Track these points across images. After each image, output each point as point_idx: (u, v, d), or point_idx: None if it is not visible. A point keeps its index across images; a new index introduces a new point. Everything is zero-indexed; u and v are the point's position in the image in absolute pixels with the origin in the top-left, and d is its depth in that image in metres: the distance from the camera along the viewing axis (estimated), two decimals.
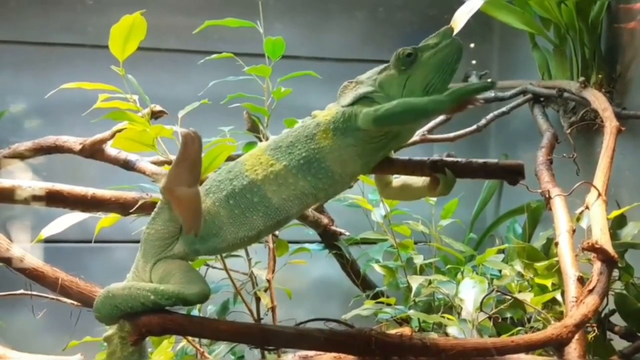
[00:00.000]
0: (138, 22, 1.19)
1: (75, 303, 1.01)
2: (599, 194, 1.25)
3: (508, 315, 1.42)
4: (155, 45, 1.94)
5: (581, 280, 1.10)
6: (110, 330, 0.94)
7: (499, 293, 1.30)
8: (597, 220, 1.18)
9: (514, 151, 2.47)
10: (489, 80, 0.99)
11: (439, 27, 0.99)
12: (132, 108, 1.29)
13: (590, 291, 1.00)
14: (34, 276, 1.00)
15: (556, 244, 1.21)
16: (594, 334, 1.34)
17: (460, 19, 1.42)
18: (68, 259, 1.46)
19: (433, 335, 1.14)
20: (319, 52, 2.39)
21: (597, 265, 1.07)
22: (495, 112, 1.91)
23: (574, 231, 1.25)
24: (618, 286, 1.42)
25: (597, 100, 1.60)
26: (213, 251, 0.98)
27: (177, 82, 2.04)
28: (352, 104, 0.94)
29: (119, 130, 1.33)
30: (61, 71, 2.22)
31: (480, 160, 0.93)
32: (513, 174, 0.88)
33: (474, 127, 1.87)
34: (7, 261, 1.03)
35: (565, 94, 1.82)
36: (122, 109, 1.29)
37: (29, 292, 1.13)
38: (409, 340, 0.80)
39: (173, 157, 1.38)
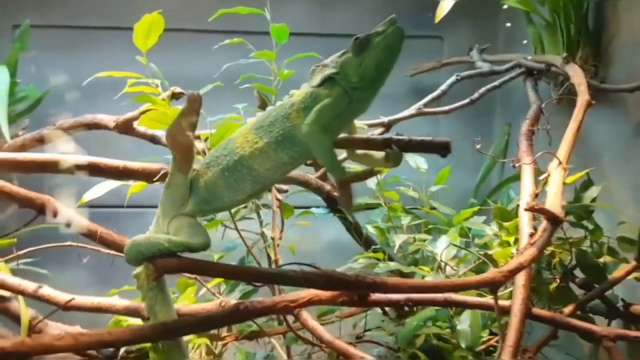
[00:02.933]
0: (156, 20, 1.41)
1: (112, 252, 1.24)
2: (560, 162, 1.41)
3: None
4: (175, 26, 2.14)
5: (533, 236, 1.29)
6: (138, 269, 1.19)
7: (469, 251, 1.49)
8: (553, 184, 1.35)
9: (517, 121, 2.59)
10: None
11: None
12: (154, 92, 1.51)
13: (532, 244, 1.18)
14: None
15: (518, 206, 1.39)
16: (558, 284, 1.54)
17: (444, 7, 1.58)
18: (107, 221, 1.70)
19: None
20: (329, 29, 2.53)
21: (543, 224, 1.25)
22: (488, 86, 2.05)
23: (536, 195, 1.42)
24: (587, 244, 1.60)
25: (575, 74, 1.74)
26: (216, 210, 1.23)
27: (195, 61, 2.21)
28: (320, 85, 1.13)
29: (145, 111, 1.55)
30: (95, 52, 2.40)
31: (419, 138, 1.11)
32: (443, 149, 1.07)
33: (467, 100, 2.02)
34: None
35: (553, 69, 1.95)
36: (146, 92, 1.51)
37: (76, 244, 1.37)
38: (362, 279, 1.00)
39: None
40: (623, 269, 1.43)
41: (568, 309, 1.45)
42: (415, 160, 1.83)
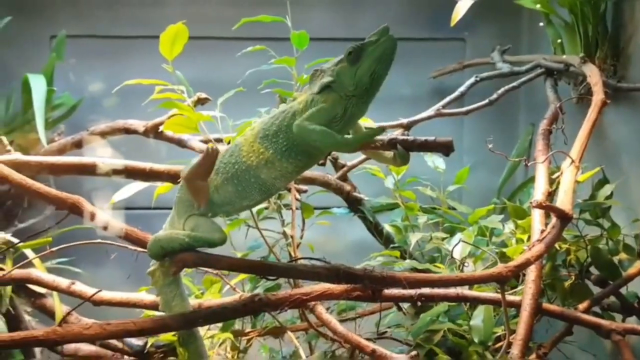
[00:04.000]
0: (181, 30, 1.49)
1: (139, 249, 1.32)
2: (572, 161, 1.44)
3: None
4: (201, 34, 2.21)
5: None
6: (153, 267, 1.26)
7: (483, 248, 1.52)
8: (565, 183, 1.38)
9: (541, 120, 2.61)
10: (381, 126, 1.23)
11: None
12: (180, 98, 1.59)
13: (540, 241, 1.21)
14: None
15: (531, 204, 1.41)
16: (573, 281, 1.56)
17: (460, 10, 1.62)
18: (138, 222, 1.78)
19: None
20: (350, 34, 2.58)
21: (553, 221, 1.27)
22: (507, 87, 2.07)
23: (549, 193, 1.45)
24: (603, 242, 1.62)
25: (592, 74, 1.76)
26: (226, 213, 1.30)
27: (220, 67, 2.28)
28: (318, 92, 1.18)
29: (172, 116, 1.63)
30: (127, 60, 2.50)
31: (422, 138, 1.16)
32: (446, 148, 1.11)
33: (487, 101, 2.05)
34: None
35: (571, 69, 1.97)
36: (172, 99, 1.59)
37: (104, 241, 1.45)
38: (370, 272, 1.05)
39: (212, 137, 1.69)
40: (637, 266, 1.44)
41: (582, 306, 1.47)
42: (433, 161, 1.86)
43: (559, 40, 2.15)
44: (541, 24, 2.54)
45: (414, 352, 1.23)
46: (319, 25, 1.82)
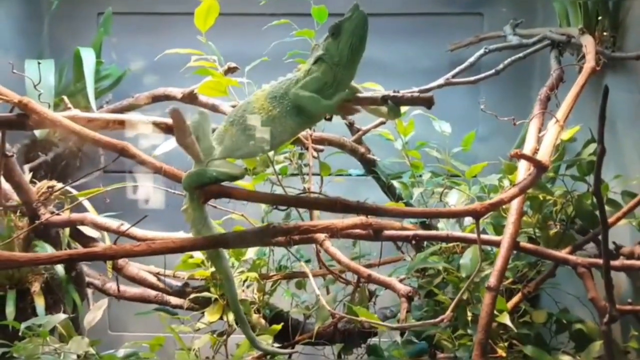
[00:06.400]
0: (213, 5, 1.72)
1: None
2: (557, 120, 1.61)
3: None
4: (231, 11, 2.39)
5: None
6: (185, 205, 1.50)
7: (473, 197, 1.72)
8: (546, 138, 1.56)
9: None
10: (355, 87, 1.44)
11: None
12: (212, 66, 1.82)
13: (515, 185, 1.39)
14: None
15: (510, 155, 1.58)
16: (557, 230, 1.74)
17: None
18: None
19: None
20: (373, 9, 2.73)
21: (530, 169, 1.45)
22: (512, 57, 2.22)
23: (536, 150, 1.62)
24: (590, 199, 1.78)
25: (588, 44, 1.90)
26: (240, 156, 1.51)
27: (250, 41, 2.46)
28: (314, 63, 1.42)
29: None
30: (168, 36, 2.67)
31: (408, 94, 1.35)
32: (427, 102, 1.30)
33: (493, 71, 2.20)
34: None
35: (573, 40, 2.11)
36: (206, 66, 1.83)
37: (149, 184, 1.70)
38: (362, 204, 1.27)
39: (240, 101, 1.92)
40: (616, 216, 1.61)
41: (565, 250, 1.65)
42: (440, 125, 2.05)
43: (566, 14, 2.28)
44: None
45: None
46: (340, 1, 1.99)
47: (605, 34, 2.07)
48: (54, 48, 2.75)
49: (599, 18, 2.09)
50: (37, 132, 2.41)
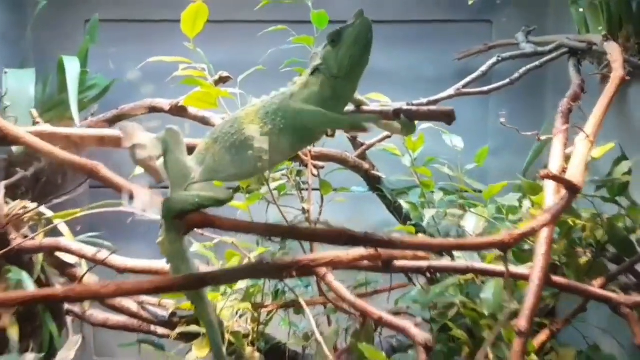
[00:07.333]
0: (201, 8, 1.54)
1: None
2: (586, 136, 1.44)
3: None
4: (222, 18, 2.24)
5: None
6: (161, 236, 1.31)
7: (496, 223, 1.54)
8: (576, 156, 1.38)
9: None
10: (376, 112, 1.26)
11: None
12: (201, 75, 1.65)
13: (546, 211, 1.21)
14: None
15: (539, 175, 1.41)
16: (589, 258, 1.57)
17: None
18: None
19: None
20: (377, 16, 2.59)
21: (562, 193, 1.28)
22: (529, 66, 2.06)
23: (565, 170, 1.45)
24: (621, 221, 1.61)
25: (613, 52, 1.74)
26: (223, 180, 1.30)
27: (242, 49, 2.33)
28: (311, 74, 1.25)
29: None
30: (158, 44, 2.57)
31: (425, 108, 1.18)
32: (447, 117, 1.12)
33: (507, 80, 2.04)
34: None
35: (594, 47, 1.95)
36: (195, 76, 1.65)
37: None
38: (371, 235, 1.09)
39: (231, 113, 1.75)
40: None
41: (597, 282, 1.47)
42: (451, 140, 1.88)
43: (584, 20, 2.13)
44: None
45: (419, 319, 1.26)
46: (341, 8, 1.85)
47: (630, 41, 1.90)
48: (39, 57, 2.60)
49: (622, 24, 1.93)
50: (13, 147, 2.23)
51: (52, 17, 2.59)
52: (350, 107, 1.29)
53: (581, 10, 2.15)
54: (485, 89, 2.03)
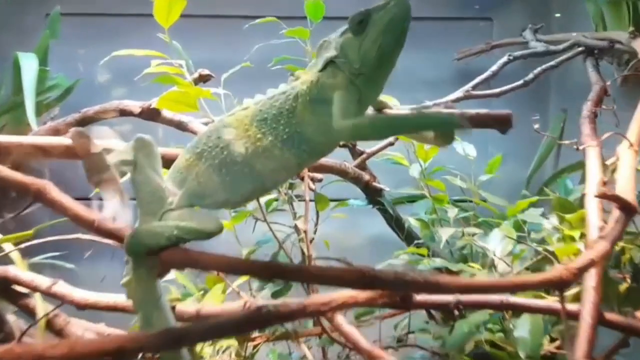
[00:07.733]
0: None
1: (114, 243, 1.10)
2: (630, 144, 1.24)
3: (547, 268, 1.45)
4: (204, 12, 2.04)
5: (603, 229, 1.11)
6: (127, 278, 1.02)
7: (528, 245, 1.33)
8: (624, 169, 1.18)
9: (573, 105, 2.40)
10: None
11: None
12: (178, 72, 1.41)
13: (602, 237, 1.01)
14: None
15: (583, 196, 1.22)
16: (629, 284, 1.36)
17: None
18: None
19: None
20: None
21: (615, 214, 1.07)
22: (544, 66, 1.88)
23: (604, 182, 1.25)
24: None
25: None
26: (208, 207, 1.02)
27: (227, 46, 2.13)
28: (322, 69, 0.98)
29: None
30: (134, 41, 2.38)
31: (473, 111, 0.96)
32: (502, 124, 0.91)
33: (521, 81, 1.86)
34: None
35: (617, 46, 1.77)
36: (170, 73, 1.40)
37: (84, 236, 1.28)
38: (402, 276, 0.85)
39: (214, 118, 1.51)
40: None
41: None
42: (463, 148, 1.67)
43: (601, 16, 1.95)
44: None
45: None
46: (337, 3, 1.64)
47: None
48: None
49: None
50: None
51: (10, 12, 2.41)
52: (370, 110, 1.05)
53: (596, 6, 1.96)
54: (496, 91, 1.85)
